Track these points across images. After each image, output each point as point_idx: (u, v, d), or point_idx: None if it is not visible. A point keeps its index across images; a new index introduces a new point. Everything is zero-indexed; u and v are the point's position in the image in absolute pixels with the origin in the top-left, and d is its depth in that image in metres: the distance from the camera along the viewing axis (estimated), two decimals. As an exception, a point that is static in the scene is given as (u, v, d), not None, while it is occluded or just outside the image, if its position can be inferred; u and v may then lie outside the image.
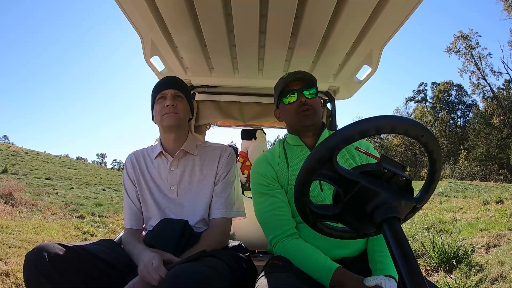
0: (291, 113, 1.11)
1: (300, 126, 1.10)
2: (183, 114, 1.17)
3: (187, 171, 1.17)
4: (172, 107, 1.12)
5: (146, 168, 1.20)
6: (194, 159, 1.19)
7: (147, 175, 1.19)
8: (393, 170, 0.61)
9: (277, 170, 1.09)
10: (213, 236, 1.10)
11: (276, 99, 1.18)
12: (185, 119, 1.20)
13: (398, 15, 1.12)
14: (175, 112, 1.13)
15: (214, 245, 1.07)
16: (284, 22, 1.17)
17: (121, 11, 1.14)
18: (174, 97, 1.15)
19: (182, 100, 1.17)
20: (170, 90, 1.15)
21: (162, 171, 1.18)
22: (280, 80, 1.15)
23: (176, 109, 1.13)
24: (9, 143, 26.41)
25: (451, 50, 30.67)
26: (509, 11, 25.24)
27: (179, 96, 1.17)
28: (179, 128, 1.18)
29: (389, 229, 0.57)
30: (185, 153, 1.19)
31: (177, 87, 1.17)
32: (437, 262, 3.07)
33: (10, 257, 3.04)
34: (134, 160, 1.22)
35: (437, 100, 37.79)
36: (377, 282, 0.78)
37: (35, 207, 6.09)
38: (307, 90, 1.09)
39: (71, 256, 0.88)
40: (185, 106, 1.18)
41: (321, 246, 0.96)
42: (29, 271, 0.84)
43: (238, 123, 2.13)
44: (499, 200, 5.84)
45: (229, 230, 1.18)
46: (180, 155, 1.18)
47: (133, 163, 1.21)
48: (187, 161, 1.19)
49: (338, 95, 1.87)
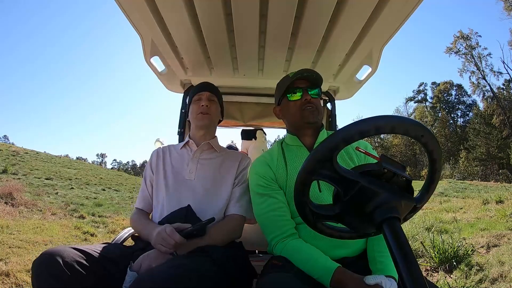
0: (295, 110, 1.11)
1: (303, 122, 1.10)
2: (214, 115, 1.32)
3: (208, 162, 1.27)
4: (206, 108, 1.27)
5: (169, 157, 1.30)
6: (217, 155, 1.30)
7: (168, 163, 1.28)
8: (393, 170, 0.61)
9: (275, 171, 1.09)
10: (228, 225, 1.16)
11: (279, 96, 1.18)
12: (215, 120, 1.34)
13: (398, 15, 1.12)
14: (207, 112, 1.27)
15: (225, 234, 1.12)
16: (284, 22, 1.17)
17: (121, 11, 1.14)
18: (209, 99, 1.29)
19: (215, 103, 1.32)
20: (206, 92, 1.31)
21: (186, 158, 1.28)
22: (286, 77, 1.15)
23: (209, 110, 1.28)
24: (9, 143, 26.41)
25: (451, 50, 30.69)
26: (509, 11, 25.24)
27: (213, 99, 1.31)
28: (209, 127, 1.31)
29: (389, 229, 0.57)
30: (209, 147, 1.30)
31: (212, 91, 1.33)
32: (437, 262, 3.07)
33: (10, 257, 3.04)
34: (160, 151, 1.33)
35: (437, 100, 37.78)
36: (377, 281, 0.78)
37: (35, 207, 6.09)
38: (312, 90, 1.11)
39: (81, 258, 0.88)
40: (216, 108, 1.33)
41: (321, 246, 0.96)
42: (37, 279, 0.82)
43: (238, 123, 2.13)
44: (499, 200, 5.84)
45: (242, 227, 1.21)
46: (205, 147, 1.29)
47: (159, 153, 1.32)
48: (209, 154, 1.29)
49: (338, 95, 1.87)
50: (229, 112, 2.02)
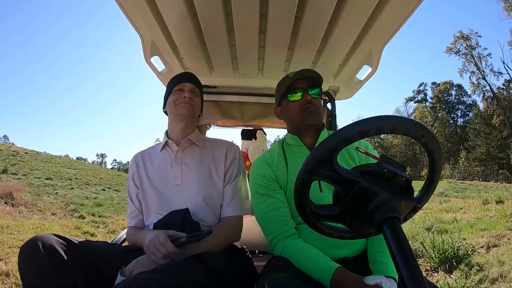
0: (295, 110, 1.10)
1: (303, 124, 1.10)
2: (197, 107, 1.24)
3: (192, 161, 1.19)
4: (189, 99, 1.20)
5: (150, 163, 1.23)
6: (200, 150, 1.22)
7: (151, 170, 1.21)
8: (393, 170, 0.61)
9: (276, 171, 1.09)
10: (225, 229, 1.12)
11: (280, 96, 1.17)
12: (196, 113, 1.26)
13: (398, 15, 1.12)
14: (191, 103, 1.20)
15: (222, 240, 1.09)
16: (284, 22, 1.17)
17: (121, 11, 1.14)
18: (191, 91, 1.22)
19: (197, 96, 1.26)
20: (188, 84, 1.23)
21: (168, 161, 1.20)
22: (286, 77, 1.14)
23: (192, 101, 1.21)
24: (9, 143, 26.41)
25: (451, 51, 30.68)
26: (509, 11, 25.24)
27: (195, 91, 1.24)
28: (190, 119, 1.23)
29: (389, 229, 0.57)
30: (191, 143, 1.22)
31: (195, 83, 1.26)
32: (437, 262, 3.07)
33: (10, 257, 3.04)
34: (139, 159, 1.25)
35: (437, 100, 37.77)
36: (377, 282, 0.78)
37: (35, 207, 6.10)
38: (312, 90, 1.10)
39: (69, 249, 0.86)
40: (198, 101, 1.26)
41: (321, 246, 0.96)
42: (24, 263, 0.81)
43: (238, 123, 2.12)
44: (499, 200, 5.85)
45: (241, 227, 1.18)
46: (186, 145, 1.21)
47: (138, 162, 1.24)
48: (192, 151, 1.21)
49: (338, 95, 1.87)
50: (229, 112, 2.02)
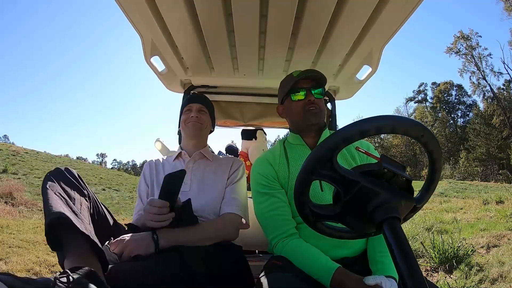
0: (298, 110, 1.11)
1: (306, 124, 1.10)
2: (205, 125, 1.34)
3: (202, 171, 1.28)
4: (196, 118, 1.30)
5: (163, 170, 1.31)
6: (209, 164, 1.32)
7: (161, 174, 1.28)
8: (393, 170, 0.61)
9: (277, 170, 1.09)
10: (219, 223, 1.15)
11: (283, 95, 1.17)
12: (206, 130, 1.37)
13: (398, 15, 1.12)
14: (198, 122, 1.31)
15: (214, 230, 1.10)
16: (284, 22, 1.17)
17: (121, 11, 1.14)
18: (199, 110, 1.33)
19: (205, 114, 1.36)
20: (196, 104, 1.34)
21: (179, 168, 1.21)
22: (290, 76, 1.15)
23: (199, 119, 1.31)
24: (9, 143, 26.39)
25: (451, 51, 30.66)
26: (509, 11, 25.23)
27: (203, 110, 1.35)
28: (200, 136, 1.34)
29: (389, 229, 0.57)
30: (201, 156, 1.33)
31: (202, 103, 1.36)
32: (437, 262, 3.06)
33: (10, 257, 3.04)
34: (152, 164, 1.34)
35: (437, 100, 37.78)
36: (377, 282, 0.78)
37: (35, 207, 6.10)
38: (315, 90, 1.10)
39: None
40: (207, 119, 1.36)
41: (321, 246, 0.96)
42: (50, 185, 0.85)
43: (239, 123, 2.12)
44: (499, 200, 5.83)
45: (237, 225, 1.20)
46: (197, 157, 1.32)
47: (151, 165, 1.33)
48: (202, 163, 1.32)
49: (338, 95, 1.87)
50: (229, 112, 2.02)
